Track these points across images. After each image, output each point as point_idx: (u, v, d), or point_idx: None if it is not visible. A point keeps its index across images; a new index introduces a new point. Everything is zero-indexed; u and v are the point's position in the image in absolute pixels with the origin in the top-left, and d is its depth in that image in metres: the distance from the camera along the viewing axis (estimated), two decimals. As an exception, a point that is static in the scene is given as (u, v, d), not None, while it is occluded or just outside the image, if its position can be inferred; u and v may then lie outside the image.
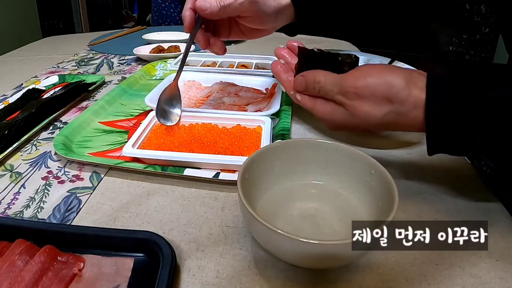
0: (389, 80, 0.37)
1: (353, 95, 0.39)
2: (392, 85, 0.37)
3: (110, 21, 3.68)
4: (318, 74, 0.42)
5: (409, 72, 0.38)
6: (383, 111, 0.38)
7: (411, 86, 0.37)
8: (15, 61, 1.04)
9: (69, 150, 0.53)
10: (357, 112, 0.39)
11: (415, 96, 0.36)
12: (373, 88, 0.38)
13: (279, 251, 0.33)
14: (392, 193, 0.34)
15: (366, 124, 0.40)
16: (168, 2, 1.54)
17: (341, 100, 0.40)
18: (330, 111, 0.42)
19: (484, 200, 0.45)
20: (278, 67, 0.49)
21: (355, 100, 0.39)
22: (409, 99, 0.36)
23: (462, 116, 0.34)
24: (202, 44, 0.56)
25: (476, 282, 0.34)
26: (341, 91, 0.40)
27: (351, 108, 0.40)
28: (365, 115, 0.39)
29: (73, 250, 0.36)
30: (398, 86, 0.37)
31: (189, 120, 0.58)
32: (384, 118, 0.38)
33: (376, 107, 0.38)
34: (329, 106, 0.42)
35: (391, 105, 0.37)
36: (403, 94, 0.36)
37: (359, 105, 0.39)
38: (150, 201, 0.45)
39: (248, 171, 0.38)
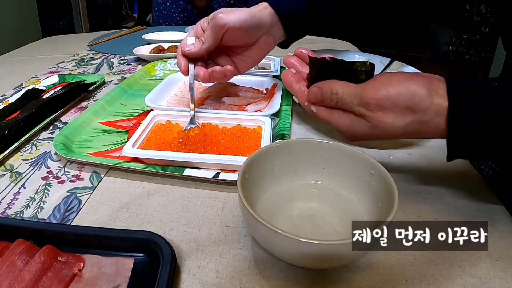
0: (411, 90, 0.37)
1: (375, 106, 0.38)
2: (415, 94, 0.37)
3: (110, 21, 3.68)
4: (335, 85, 0.41)
5: (429, 79, 0.38)
6: (406, 121, 0.37)
7: (433, 94, 0.36)
8: (15, 61, 1.04)
9: (69, 150, 0.53)
10: (379, 123, 0.39)
11: (437, 104, 0.36)
12: (395, 98, 0.37)
13: (279, 251, 0.33)
14: (392, 193, 0.34)
15: (388, 134, 0.39)
16: (169, 2, 1.54)
17: (362, 112, 0.39)
18: (349, 123, 0.41)
19: (484, 200, 0.45)
20: (290, 77, 0.48)
21: (377, 112, 0.38)
22: (431, 107, 0.36)
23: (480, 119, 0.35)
24: (202, 78, 0.56)
25: (476, 282, 0.34)
26: (362, 103, 0.39)
27: (372, 120, 0.39)
28: (387, 126, 0.38)
29: (73, 250, 0.36)
30: (420, 95, 0.36)
31: (188, 120, 0.58)
32: (407, 127, 0.38)
33: (398, 117, 0.38)
34: (348, 118, 0.41)
35: (414, 114, 0.37)
36: (426, 103, 0.36)
37: (381, 117, 0.38)
38: (150, 201, 0.45)
39: (248, 171, 0.38)
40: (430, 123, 0.37)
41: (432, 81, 0.37)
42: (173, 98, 0.69)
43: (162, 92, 0.69)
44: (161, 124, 0.58)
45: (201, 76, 0.56)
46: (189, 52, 0.56)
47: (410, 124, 0.38)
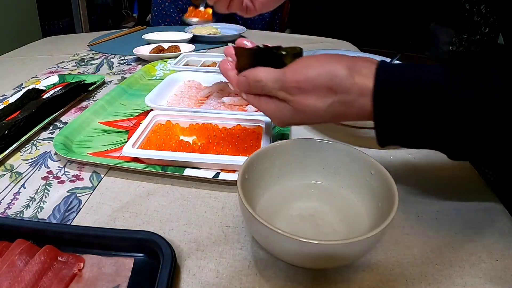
0: (331, 70, 0.36)
1: (295, 90, 0.37)
2: (335, 74, 0.35)
3: (110, 21, 3.68)
4: (258, 73, 0.40)
5: (352, 59, 0.37)
6: (328, 102, 0.36)
7: (355, 74, 0.35)
8: (15, 61, 1.04)
9: (69, 150, 0.53)
10: (301, 107, 0.38)
11: (359, 84, 0.35)
12: (315, 80, 0.36)
13: (279, 251, 0.33)
14: (392, 193, 0.34)
15: (313, 117, 0.38)
16: (168, 2, 1.54)
17: (284, 96, 0.39)
18: (275, 109, 0.40)
19: (484, 200, 0.45)
20: (226, 65, 0.47)
21: (297, 95, 0.38)
22: (353, 87, 0.35)
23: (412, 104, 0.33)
24: None
25: (476, 282, 0.34)
26: (283, 87, 0.38)
27: (294, 103, 0.38)
28: (310, 109, 0.38)
29: (73, 250, 0.36)
30: (341, 75, 0.35)
31: (189, 120, 0.58)
32: (330, 109, 0.37)
33: (320, 99, 0.37)
34: (274, 104, 0.40)
35: (336, 95, 0.36)
36: (347, 83, 0.35)
37: (302, 100, 0.37)
38: (150, 201, 0.45)
39: (248, 171, 0.38)
40: (354, 103, 0.35)
41: (356, 62, 0.36)
42: (173, 98, 0.69)
43: (162, 92, 0.69)
44: (161, 124, 0.58)
45: None
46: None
47: (332, 105, 0.36)
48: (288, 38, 1.29)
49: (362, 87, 0.35)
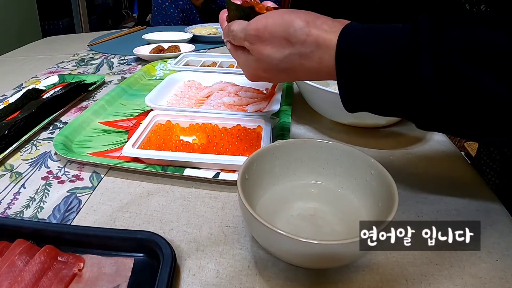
0: (287, 20, 0.36)
1: (255, 38, 0.38)
2: (290, 25, 0.36)
3: (110, 21, 3.68)
4: (233, 24, 0.42)
5: (315, 15, 0.36)
6: (285, 53, 0.37)
7: (311, 27, 0.35)
8: (15, 61, 1.04)
9: (69, 150, 0.53)
10: (259, 56, 0.39)
11: (315, 36, 0.34)
12: (272, 29, 0.37)
13: (279, 251, 0.33)
14: (392, 193, 0.34)
15: (272, 67, 0.39)
16: (168, 2, 1.54)
17: (247, 45, 0.40)
18: (244, 60, 0.42)
19: (484, 200, 0.45)
20: (224, 16, 0.48)
21: (257, 44, 0.38)
22: (308, 38, 0.35)
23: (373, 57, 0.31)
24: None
25: (476, 282, 0.34)
26: (246, 36, 0.39)
27: (254, 52, 0.39)
28: (267, 59, 0.38)
29: (73, 250, 0.36)
30: (296, 26, 0.35)
31: (189, 120, 0.58)
32: (287, 60, 0.37)
33: (277, 48, 0.37)
34: (243, 55, 0.42)
35: (292, 46, 0.36)
36: (302, 33, 0.35)
37: (260, 48, 0.38)
38: (150, 201, 0.45)
39: (248, 171, 0.38)
40: (311, 56, 0.35)
41: (319, 18, 0.36)
42: (173, 98, 0.69)
43: (162, 92, 0.69)
44: (161, 124, 0.58)
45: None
46: None
47: (289, 56, 0.37)
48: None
49: (318, 40, 0.34)
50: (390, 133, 0.59)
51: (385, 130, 0.60)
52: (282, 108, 0.63)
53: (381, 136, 0.59)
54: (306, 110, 0.65)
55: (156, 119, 0.59)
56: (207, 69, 0.83)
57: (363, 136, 0.58)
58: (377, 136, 0.58)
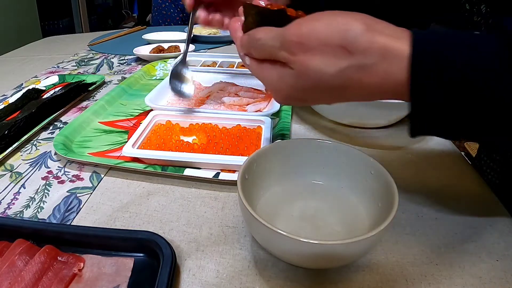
0: (342, 23, 0.28)
1: (297, 46, 0.29)
2: (348, 28, 0.28)
3: (110, 21, 3.68)
4: (259, 31, 0.33)
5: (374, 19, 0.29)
6: (340, 66, 0.28)
7: (374, 31, 0.28)
8: (15, 61, 1.04)
9: (69, 150, 0.53)
10: (304, 70, 0.30)
11: (381, 43, 0.27)
12: (323, 34, 0.28)
13: (279, 251, 0.33)
14: (392, 193, 0.34)
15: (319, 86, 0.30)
16: (168, 2, 1.54)
17: (285, 57, 0.31)
18: (276, 77, 0.33)
19: (484, 200, 0.45)
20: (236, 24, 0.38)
21: (301, 54, 0.30)
22: (373, 46, 0.27)
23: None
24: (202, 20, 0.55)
25: (476, 282, 0.34)
26: (283, 45, 0.30)
27: (296, 65, 0.30)
28: (316, 73, 0.29)
29: (73, 250, 0.36)
30: (356, 30, 0.28)
31: (189, 120, 0.58)
32: (341, 75, 0.29)
33: (329, 60, 0.29)
34: (275, 70, 0.33)
35: (351, 56, 0.28)
36: (364, 40, 0.27)
37: (307, 60, 0.29)
38: (150, 201, 0.45)
39: (248, 171, 0.38)
40: (374, 69, 0.28)
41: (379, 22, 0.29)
42: (173, 98, 0.69)
43: (162, 92, 0.69)
44: (161, 124, 0.58)
45: (201, 17, 0.54)
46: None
47: (346, 70, 0.28)
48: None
49: (386, 48, 0.27)
50: (390, 133, 0.59)
51: (385, 130, 0.60)
52: (282, 108, 0.63)
53: (381, 136, 0.59)
54: (306, 110, 0.65)
55: (156, 119, 0.59)
56: (207, 69, 0.83)
57: (363, 136, 0.58)
58: (377, 136, 0.58)
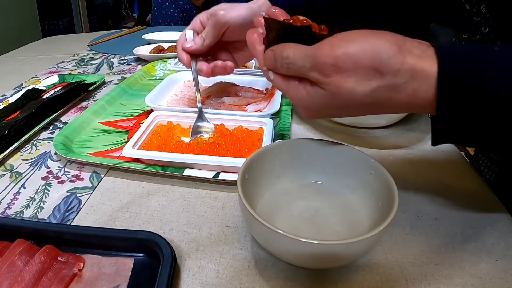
0: (376, 46, 0.30)
1: (331, 68, 0.30)
2: (381, 51, 0.29)
3: (110, 21, 3.68)
4: (286, 48, 0.34)
5: (402, 38, 0.31)
6: (372, 86, 0.30)
7: (405, 53, 0.29)
8: (15, 61, 1.04)
9: (69, 150, 0.53)
10: (338, 91, 0.31)
11: (411, 64, 0.29)
12: (357, 56, 0.30)
13: (279, 251, 0.33)
14: (392, 193, 0.34)
15: (353, 105, 0.32)
16: (168, 2, 1.54)
17: (316, 77, 0.32)
18: (304, 95, 0.34)
19: (484, 200, 0.45)
20: (254, 36, 0.39)
21: (334, 76, 0.31)
22: (403, 67, 0.29)
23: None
24: (205, 73, 0.56)
25: (476, 282, 0.34)
26: (316, 66, 0.31)
27: (330, 86, 0.31)
28: (349, 94, 0.31)
29: (73, 250, 0.36)
30: (388, 52, 0.29)
31: (190, 121, 0.58)
32: (373, 94, 0.30)
33: (362, 81, 0.30)
34: (303, 89, 0.34)
35: (382, 77, 0.30)
36: (396, 62, 0.29)
37: (340, 82, 0.30)
38: (150, 201, 0.45)
39: (248, 171, 0.38)
40: (404, 88, 0.29)
41: (407, 40, 0.30)
42: (173, 98, 0.69)
43: (162, 92, 0.69)
44: (162, 125, 0.58)
45: (204, 71, 0.56)
46: (190, 49, 0.56)
47: (377, 90, 0.30)
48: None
49: (415, 69, 0.29)
50: (390, 133, 0.59)
51: (385, 130, 0.60)
52: (282, 108, 0.63)
53: (381, 136, 0.59)
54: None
55: (157, 119, 0.59)
56: (207, 69, 0.83)
57: (363, 136, 0.58)
58: (377, 136, 0.58)
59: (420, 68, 0.29)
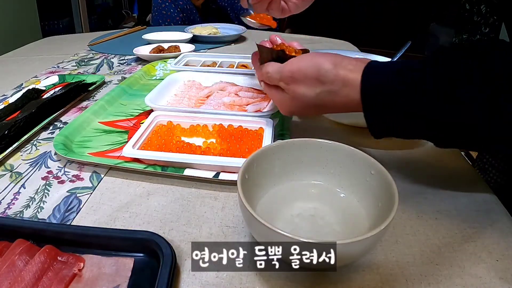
0: (317, 63, 0.41)
1: (289, 79, 0.43)
2: (321, 67, 0.41)
3: (110, 21, 3.68)
4: (268, 66, 0.47)
5: (342, 57, 0.42)
6: (317, 91, 0.42)
7: (338, 68, 0.40)
8: (15, 61, 1.04)
9: (69, 150, 0.53)
10: (294, 94, 0.44)
11: (342, 75, 0.40)
12: (305, 71, 0.42)
13: (279, 251, 0.33)
14: (392, 193, 0.34)
15: (305, 104, 0.44)
16: (168, 2, 1.54)
17: (283, 85, 0.45)
18: (279, 98, 0.47)
19: (484, 200, 0.45)
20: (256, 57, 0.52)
21: (291, 84, 0.43)
22: (337, 78, 0.40)
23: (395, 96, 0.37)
24: None
25: (476, 282, 0.34)
26: (282, 77, 0.44)
27: (290, 91, 0.44)
28: (302, 97, 0.43)
29: (73, 250, 0.36)
30: (326, 68, 0.41)
31: (190, 120, 0.58)
32: (318, 97, 0.42)
33: (309, 88, 0.42)
34: (278, 94, 0.47)
35: (323, 85, 0.41)
36: (331, 75, 0.40)
37: (295, 88, 0.43)
38: (150, 201, 0.45)
39: (248, 171, 0.38)
40: (339, 93, 0.40)
41: (344, 59, 0.41)
42: (173, 98, 0.69)
43: (162, 92, 0.69)
44: (162, 125, 0.58)
45: None
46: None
47: (320, 94, 0.42)
48: (288, 38, 1.28)
49: (345, 79, 0.40)
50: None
51: (385, 130, 0.60)
52: (282, 108, 0.63)
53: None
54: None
55: (158, 119, 0.59)
56: (207, 69, 0.83)
57: (363, 136, 0.58)
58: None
59: (349, 78, 0.39)
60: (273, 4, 0.59)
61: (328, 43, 1.16)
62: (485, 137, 0.33)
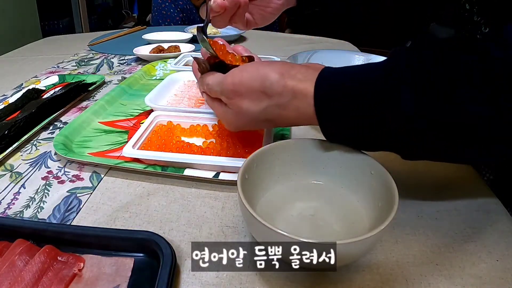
0: (262, 74, 0.37)
1: (231, 93, 0.39)
2: (266, 78, 0.36)
3: (110, 21, 3.68)
4: (208, 77, 0.42)
5: (290, 66, 0.37)
6: (262, 106, 0.37)
7: (286, 78, 0.36)
8: (15, 61, 1.04)
9: (69, 150, 0.53)
10: (238, 110, 0.39)
11: (291, 86, 0.36)
12: (248, 83, 0.37)
13: (279, 251, 0.33)
14: (392, 193, 0.34)
15: (251, 119, 0.39)
16: (168, 2, 1.54)
17: (225, 100, 0.40)
18: (222, 112, 0.42)
19: (484, 200, 0.45)
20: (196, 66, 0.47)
21: (234, 98, 0.39)
22: (285, 89, 0.36)
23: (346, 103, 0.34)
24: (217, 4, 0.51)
25: (476, 282, 0.34)
26: (223, 91, 0.40)
27: (233, 106, 0.39)
28: (246, 112, 0.39)
29: (73, 250, 0.36)
30: (271, 79, 0.36)
31: (190, 120, 0.58)
32: (265, 112, 0.38)
33: (254, 102, 0.38)
34: (221, 107, 0.42)
35: (270, 98, 0.37)
36: (278, 86, 0.36)
37: (238, 103, 0.39)
38: (150, 201, 0.45)
39: (248, 171, 0.38)
40: (289, 105, 0.36)
41: (293, 68, 0.37)
42: (173, 98, 0.69)
43: (162, 92, 0.69)
44: (162, 125, 0.58)
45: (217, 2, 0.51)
46: None
47: (267, 108, 0.37)
48: (288, 38, 1.29)
49: (295, 90, 0.35)
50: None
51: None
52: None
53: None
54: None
55: (158, 119, 0.59)
56: (207, 69, 0.83)
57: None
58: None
59: (299, 89, 0.35)
60: (236, 17, 0.53)
61: (327, 43, 1.16)
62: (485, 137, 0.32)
